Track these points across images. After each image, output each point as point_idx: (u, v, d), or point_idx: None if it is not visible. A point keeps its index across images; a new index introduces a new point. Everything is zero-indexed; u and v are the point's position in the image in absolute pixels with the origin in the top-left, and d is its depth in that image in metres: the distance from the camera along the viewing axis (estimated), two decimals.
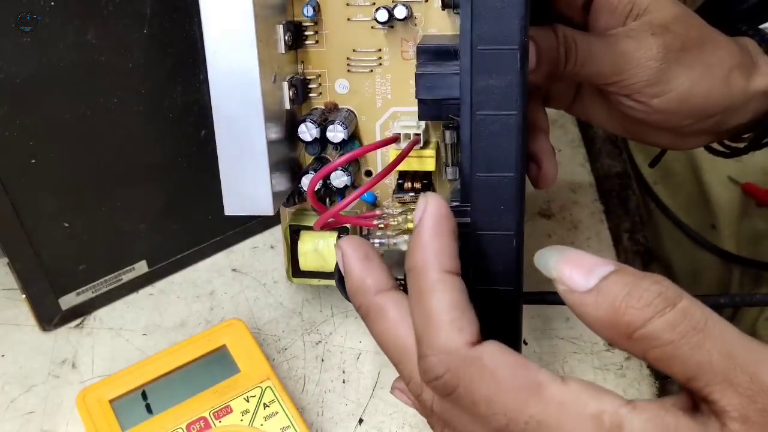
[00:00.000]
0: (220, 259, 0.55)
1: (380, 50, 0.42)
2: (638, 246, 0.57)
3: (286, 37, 0.40)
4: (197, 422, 0.43)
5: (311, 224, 0.44)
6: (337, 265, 0.33)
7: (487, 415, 0.27)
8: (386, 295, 0.30)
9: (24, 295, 0.48)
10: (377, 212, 0.36)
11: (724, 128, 0.43)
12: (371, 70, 0.43)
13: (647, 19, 0.40)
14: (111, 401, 0.45)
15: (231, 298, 0.53)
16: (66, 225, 0.46)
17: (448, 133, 0.41)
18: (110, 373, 0.47)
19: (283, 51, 0.40)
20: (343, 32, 0.42)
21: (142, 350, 0.50)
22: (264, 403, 0.44)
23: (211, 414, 0.43)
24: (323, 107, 0.44)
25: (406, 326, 0.30)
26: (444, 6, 0.40)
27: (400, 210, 0.36)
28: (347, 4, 0.41)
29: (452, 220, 0.30)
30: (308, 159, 0.44)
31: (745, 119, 0.43)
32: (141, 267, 0.52)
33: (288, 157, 0.42)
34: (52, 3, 0.36)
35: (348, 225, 0.43)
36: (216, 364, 0.46)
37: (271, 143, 0.39)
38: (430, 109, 0.36)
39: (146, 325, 0.52)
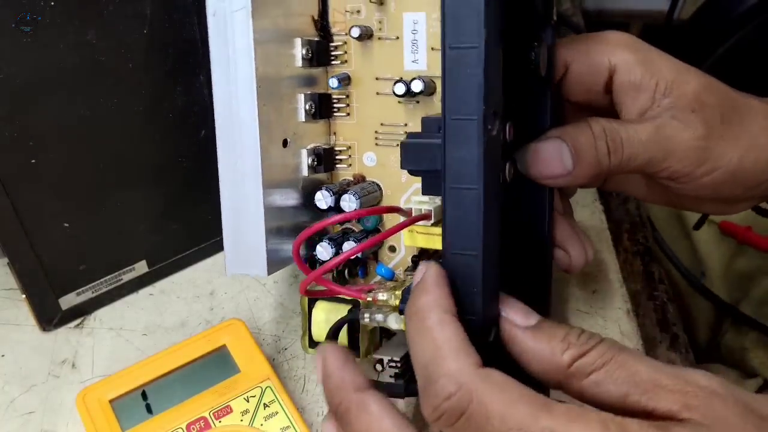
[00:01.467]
0: (220, 259, 0.55)
1: (406, 124, 0.42)
2: (638, 246, 0.57)
3: (307, 106, 0.41)
4: (197, 422, 0.43)
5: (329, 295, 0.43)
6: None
7: (501, 431, 0.27)
8: (367, 393, 0.31)
9: (24, 295, 0.48)
10: (367, 286, 0.37)
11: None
12: (397, 144, 0.42)
13: (679, 93, 0.38)
14: (111, 401, 0.45)
15: (231, 298, 0.53)
16: (66, 225, 0.46)
17: None
18: (110, 373, 0.47)
19: (303, 119, 0.41)
20: (372, 105, 0.43)
21: (142, 350, 0.50)
22: (264, 403, 0.44)
23: (211, 414, 0.43)
24: (352, 178, 0.44)
25: (388, 420, 0.30)
26: None
27: (392, 286, 0.37)
28: (376, 78, 0.42)
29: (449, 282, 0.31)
30: (337, 229, 0.45)
31: None
32: (141, 267, 0.52)
33: (302, 223, 0.42)
34: (52, 3, 0.36)
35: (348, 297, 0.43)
36: (216, 364, 0.46)
37: (275, 208, 0.39)
38: (427, 181, 0.35)
39: (146, 325, 0.52)
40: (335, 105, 0.43)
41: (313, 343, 0.45)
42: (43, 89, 0.39)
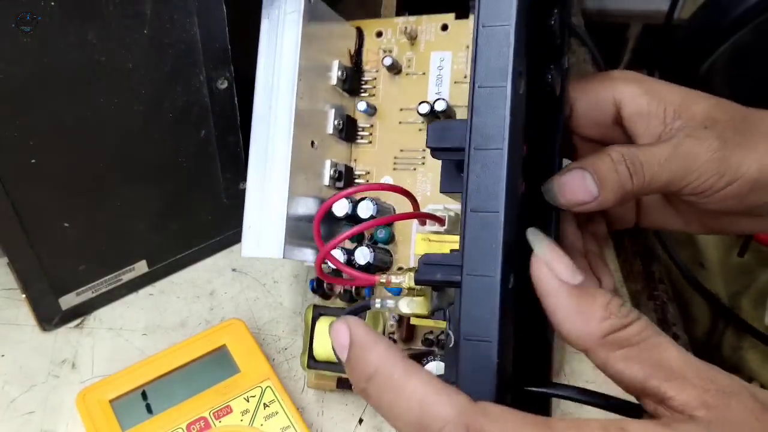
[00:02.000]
0: (220, 259, 0.55)
1: (424, 150, 0.44)
2: (638, 246, 0.57)
3: (336, 122, 0.44)
4: (197, 422, 0.43)
5: (335, 312, 0.43)
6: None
7: None
8: (404, 360, 0.29)
9: (24, 295, 0.48)
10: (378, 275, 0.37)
11: None
12: (414, 168, 0.45)
13: (689, 114, 0.39)
14: (111, 401, 0.45)
15: (231, 298, 0.53)
16: (66, 225, 0.46)
17: None
18: (110, 373, 0.47)
19: (330, 132, 0.43)
20: (394, 133, 0.45)
21: (142, 350, 0.50)
22: (264, 403, 0.44)
23: (211, 414, 0.44)
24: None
25: (431, 385, 0.28)
26: None
27: (407, 269, 0.37)
28: (401, 110, 0.46)
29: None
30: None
31: None
32: (141, 267, 0.52)
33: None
34: (52, 3, 0.36)
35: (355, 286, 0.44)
36: (216, 364, 0.46)
37: (298, 196, 0.40)
38: (447, 171, 0.35)
39: (146, 325, 0.52)
40: (359, 132, 0.46)
41: (313, 362, 0.44)
42: (43, 89, 0.39)
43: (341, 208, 0.42)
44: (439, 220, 0.40)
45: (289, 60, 0.40)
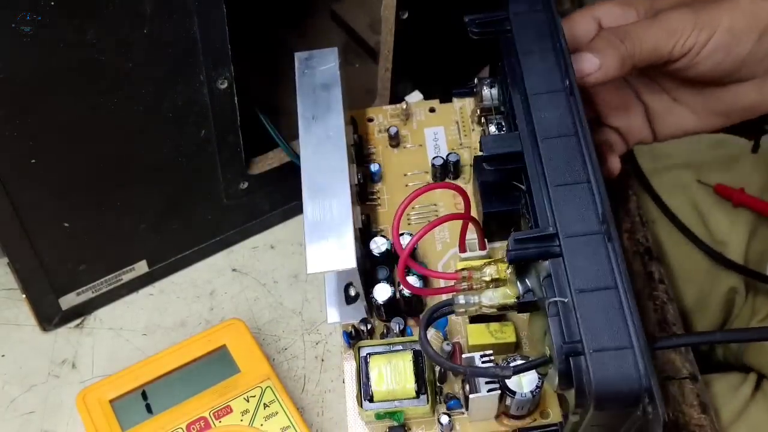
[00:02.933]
0: (220, 259, 0.55)
1: (435, 204, 0.48)
2: (638, 246, 0.57)
3: (359, 176, 0.47)
4: (197, 422, 0.43)
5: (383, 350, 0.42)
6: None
7: None
8: None
9: (24, 295, 0.48)
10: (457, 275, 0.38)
11: None
12: (429, 221, 0.45)
13: (660, 3, 0.46)
14: (111, 401, 0.45)
15: (231, 298, 0.53)
16: (66, 225, 0.46)
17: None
18: (110, 373, 0.47)
19: (355, 182, 0.46)
20: (402, 194, 0.47)
21: (142, 350, 0.50)
22: (264, 403, 0.44)
23: (211, 414, 0.44)
24: None
25: None
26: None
27: (482, 264, 0.38)
28: (405, 174, 0.49)
29: None
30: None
31: None
32: (141, 267, 0.52)
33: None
34: (52, 3, 0.36)
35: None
36: (216, 364, 0.46)
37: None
38: (488, 175, 0.42)
39: (146, 325, 0.52)
40: (369, 195, 0.48)
41: (369, 401, 0.40)
42: (43, 89, 0.39)
43: (378, 246, 0.44)
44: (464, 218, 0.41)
45: (336, 102, 0.45)
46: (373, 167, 0.48)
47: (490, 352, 0.40)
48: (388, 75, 0.53)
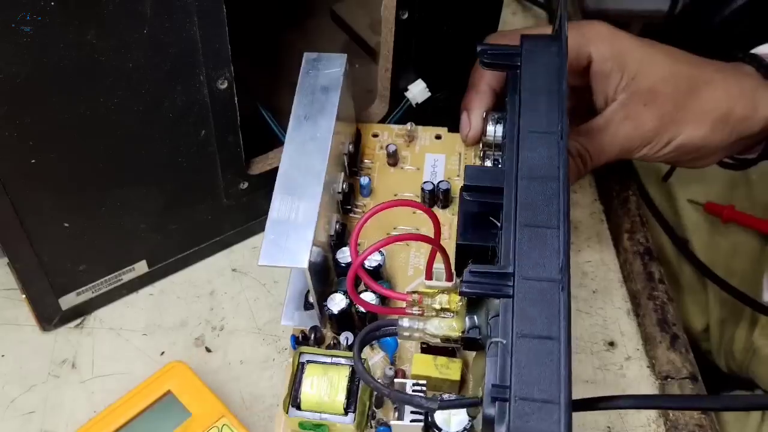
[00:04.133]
0: (220, 259, 0.55)
1: (418, 229, 0.48)
2: (638, 246, 0.57)
3: (344, 185, 0.47)
4: None
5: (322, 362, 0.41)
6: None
7: None
8: None
9: (24, 295, 0.48)
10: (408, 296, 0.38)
11: (737, 150, 0.51)
12: (408, 244, 0.48)
13: (635, 88, 0.47)
14: None
15: (231, 298, 0.53)
16: (66, 225, 0.46)
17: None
18: (110, 372, 0.47)
19: (339, 190, 0.47)
20: (389, 214, 0.45)
21: (143, 350, 0.50)
22: None
23: None
24: None
25: None
26: None
27: (436, 291, 0.37)
28: (395, 195, 0.49)
29: None
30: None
31: (757, 139, 0.49)
32: (141, 267, 0.52)
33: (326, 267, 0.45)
34: (52, 3, 0.36)
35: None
36: (165, 412, 0.44)
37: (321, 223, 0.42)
38: (470, 206, 0.40)
39: (146, 325, 0.52)
40: (355, 206, 0.49)
41: (296, 408, 0.39)
42: (43, 89, 0.39)
43: (347, 256, 0.44)
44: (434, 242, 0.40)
45: (331, 104, 0.46)
46: (363, 180, 0.49)
47: (424, 382, 0.39)
48: (388, 75, 0.53)
